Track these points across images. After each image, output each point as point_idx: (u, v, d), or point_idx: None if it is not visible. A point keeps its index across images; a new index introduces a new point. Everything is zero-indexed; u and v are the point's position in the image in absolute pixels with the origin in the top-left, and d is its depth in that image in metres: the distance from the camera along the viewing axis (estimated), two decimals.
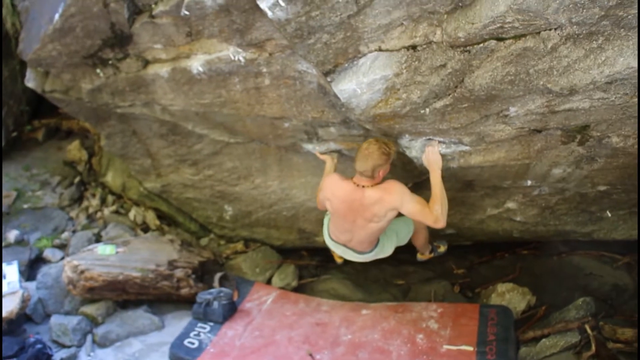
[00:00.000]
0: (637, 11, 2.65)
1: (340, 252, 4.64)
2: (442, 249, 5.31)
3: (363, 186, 3.99)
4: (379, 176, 3.96)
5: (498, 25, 2.93)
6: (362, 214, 4.07)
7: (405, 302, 5.83)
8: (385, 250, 4.56)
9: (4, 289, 5.16)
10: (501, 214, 5.12)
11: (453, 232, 5.72)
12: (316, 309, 5.71)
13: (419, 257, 5.31)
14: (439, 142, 3.97)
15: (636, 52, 2.80)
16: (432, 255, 5.27)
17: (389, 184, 3.99)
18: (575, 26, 2.82)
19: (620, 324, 4.71)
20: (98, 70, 4.99)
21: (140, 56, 4.69)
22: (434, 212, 3.84)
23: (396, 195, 3.93)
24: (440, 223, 3.86)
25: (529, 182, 4.37)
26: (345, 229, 4.33)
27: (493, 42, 3.06)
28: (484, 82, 3.24)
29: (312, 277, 6.62)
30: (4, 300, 5.09)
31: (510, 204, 4.91)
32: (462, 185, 4.65)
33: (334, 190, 4.19)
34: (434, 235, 5.31)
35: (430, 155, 4.01)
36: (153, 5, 4.19)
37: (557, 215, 4.91)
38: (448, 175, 4.32)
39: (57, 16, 4.53)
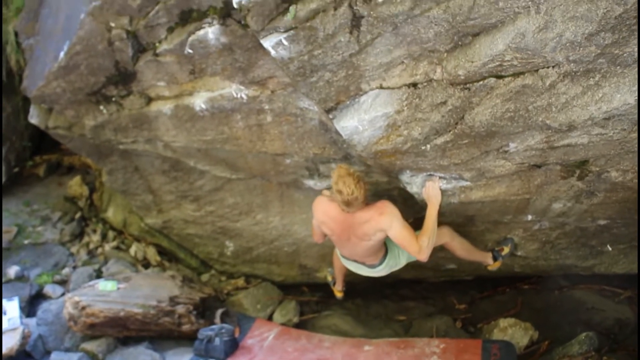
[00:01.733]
0: (632, 49, 2.72)
1: (354, 269, 4.62)
2: (507, 250, 4.89)
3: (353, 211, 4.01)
4: (364, 200, 3.95)
5: (497, 63, 3.00)
6: (354, 233, 4.09)
7: (407, 337, 5.79)
8: (399, 261, 4.51)
9: (5, 326, 5.13)
10: None
11: (454, 266, 5.71)
12: (318, 345, 5.67)
13: (488, 268, 4.99)
14: (440, 177, 4.01)
15: (632, 88, 2.86)
16: (499, 261, 4.91)
17: (382, 205, 4.00)
18: (572, 64, 2.88)
19: (623, 358, 4.69)
20: (101, 107, 5.05)
21: (143, 93, 4.75)
22: (420, 243, 3.88)
23: (386, 217, 3.93)
24: (423, 255, 3.90)
25: (530, 217, 4.39)
26: (343, 246, 4.36)
27: (492, 79, 3.12)
28: (484, 119, 3.29)
29: (313, 313, 6.59)
30: (4, 336, 5.04)
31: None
32: (463, 220, 4.66)
33: (325, 210, 4.19)
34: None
35: (430, 190, 4.04)
36: (157, 44, 4.27)
37: (557, 250, 4.92)
38: (449, 211, 4.34)
39: (62, 54, 4.60)
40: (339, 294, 5.77)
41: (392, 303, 6.62)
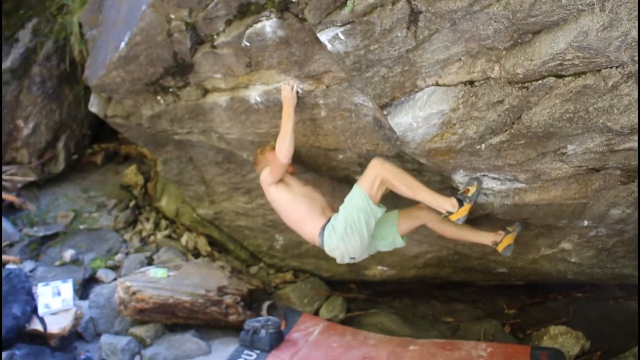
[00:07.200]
0: None
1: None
2: (473, 189, 3.87)
3: None
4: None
5: (557, 62, 2.92)
6: None
7: (453, 339, 5.72)
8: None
9: (58, 306, 5.29)
10: (555, 254, 4.99)
11: (505, 270, 5.61)
12: (363, 342, 5.66)
13: (451, 218, 3.90)
14: (493, 178, 3.92)
15: None
16: (468, 205, 3.85)
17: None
18: (637, 64, 2.78)
19: None
20: (159, 98, 5.14)
21: (200, 85, 4.81)
22: (278, 144, 4.14)
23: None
24: (281, 154, 4.13)
25: (586, 223, 4.26)
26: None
27: (552, 79, 3.03)
28: (542, 119, 3.21)
29: (360, 311, 6.58)
30: (57, 316, 5.21)
31: (565, 244, 4.79)
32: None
33: None
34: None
35: (284, 93, 4.18)
36: (215, 36, 4.31)
37: (614, 258, 4.77)
38: (502, 213, 4.26)
39: (123, 44, 4.70)
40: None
41: (440, 304, 6.55)
